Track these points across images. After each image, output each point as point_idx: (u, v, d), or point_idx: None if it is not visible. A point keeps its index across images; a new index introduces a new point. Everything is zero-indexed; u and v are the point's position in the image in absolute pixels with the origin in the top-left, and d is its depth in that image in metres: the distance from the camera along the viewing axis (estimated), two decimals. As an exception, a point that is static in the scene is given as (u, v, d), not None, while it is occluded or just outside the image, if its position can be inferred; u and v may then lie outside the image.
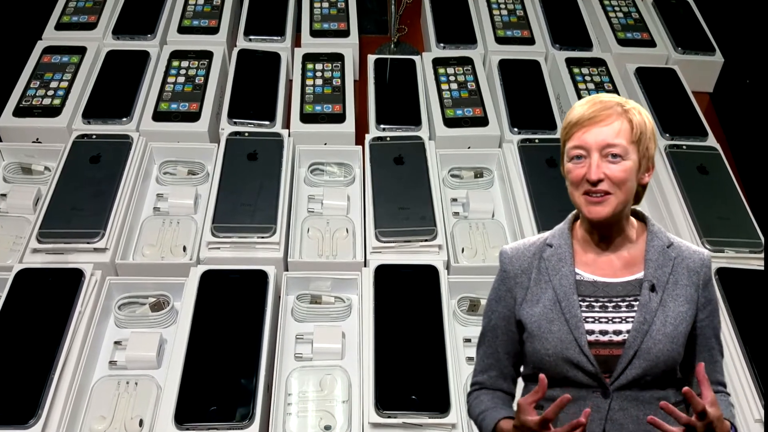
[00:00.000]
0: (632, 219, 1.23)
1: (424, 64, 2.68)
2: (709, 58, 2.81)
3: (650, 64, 2.75)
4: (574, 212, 1.24)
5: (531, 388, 1.24)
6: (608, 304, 1.18)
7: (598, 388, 1.18)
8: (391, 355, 1.81)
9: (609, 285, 1.19)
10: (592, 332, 1.17)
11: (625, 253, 1.20)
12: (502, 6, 2.94)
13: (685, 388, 1.08)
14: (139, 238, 2.11)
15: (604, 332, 1.17)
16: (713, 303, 1.23)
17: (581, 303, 1.18)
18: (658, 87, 2.64)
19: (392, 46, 2.91)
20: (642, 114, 1.16)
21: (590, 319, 1.18)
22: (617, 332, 1.17)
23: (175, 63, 2.60)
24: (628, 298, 1.18)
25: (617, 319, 1.17)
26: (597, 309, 1.18)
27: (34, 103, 2.42)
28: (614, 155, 1.13)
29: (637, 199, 1.21)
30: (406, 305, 1.92)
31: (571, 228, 1.24)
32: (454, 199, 2.30)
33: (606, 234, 1.20)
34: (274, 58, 2.67)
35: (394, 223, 2.09)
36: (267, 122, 2.42)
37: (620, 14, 2.95)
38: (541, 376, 1.11)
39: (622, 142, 1.13)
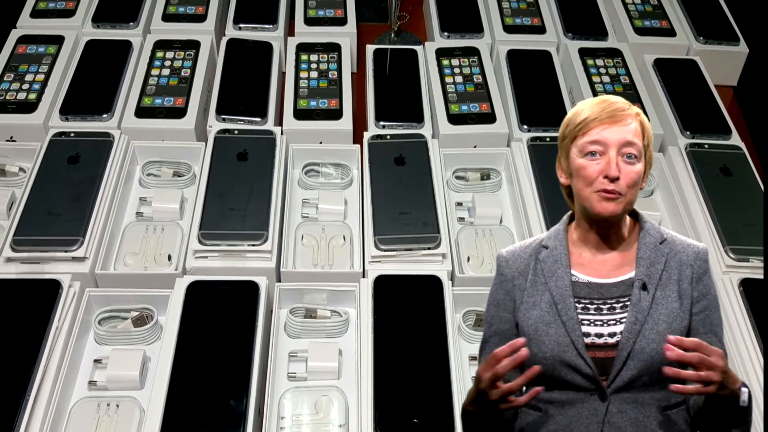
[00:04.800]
0: (627, 218, 1.28)
1: (426, 54, 2.65)
2: (733, 49, 2.78)
3: (669, 55, 2.71)
4: (568, 213, 1.30)
5: (530, 389, 1.28)
6: (603, 306, 1.23)
7: (595, 392, 1.21)
8: (391, 374, 1.79)
9: (603, 286, 1.24)
10: (588, 335, 1.22)
11: (619, 253, 1.26)
12: (511, -9, 2.90)
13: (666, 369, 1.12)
14: (121, 246, 2.08)
15: (599, 335, 1.22)
16: (709, 298, 1.25)
17: (577, 305, 1.23)
18: (677, 80, 2.61)
19: (393, 35, 2.87)
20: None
21: (586, 322, 1.22)
22: (612, 334, 1.21)
23: (160, 54, 2.57)
24: (622, 299, 1.23)
25: (612, 321, 1.22)
26: (592, 311, 1.23)
27: (8, 97, 2.39)
28: (630, 155, 1.19)
29: None
30: (408, 319, 1.90)
31: (566, 229, 1.29)
32: (459, 203, 2.27)
33: (605, 233, 1.25)
34: (266, 48, 2.64)
35: (394, 230, 2.07)
36: (258, 119, 2.39)
37: (637, 0, 2.91)
38: (536, 367, 1.16)
39: (638, 143, 1.20)
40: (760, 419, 1.74)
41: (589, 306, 1.23)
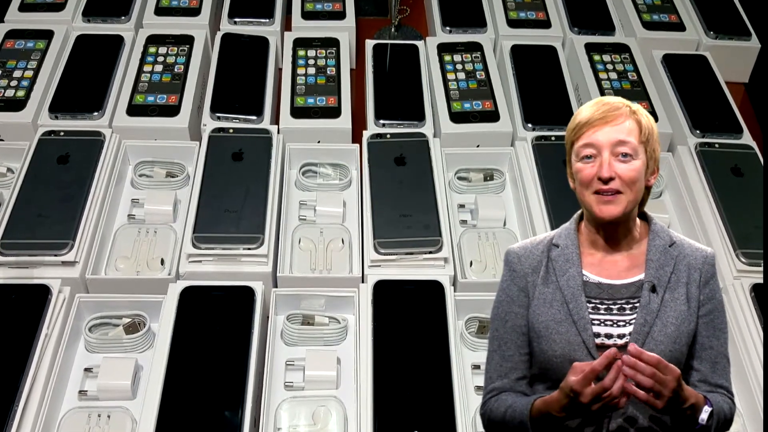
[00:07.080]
0: (637, 219, 1.30)
1: (428, 50, 2.64)
2: (745, 44, 2.77)
3: (679, 51, 2.70)
4: (579, 212, 1.32)
5: (537, 388, 1.31)
6: (613, 307, 1.25)
7: None
8: (391, 383, 1.78)
9: (613, 287, 1.26)
10: (598, 335, 1.24)
11: (629, 254, 1.28)
12: (515, -15, 2.89)
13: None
14: (112, 249, 2.07)
15: (609, 335, 1.24)
16: (714, 302, 1.28)
17: (587, 305, 1.25)
18: (687, 76, 2.60)
19: (393, 30, 2.86)
20: (648, 117, 1.26)
21: (596, 322, 1.25)
22: (621, 335, 1.24)
23: (152, 49, 2.56)
24: (632, 300, 1.25)
25: (621, 322, 1.24)
26: (602, 311, 1.25)
27: (-5, 95, 2.39)
28: (624, 154, 1.21)
29: (642, 203, 1.29)
30: (408, 326, 1.89)
31: (576, 228, 1.31)
32: (462, 205, 2.26)
33: (613, 235, 1.27)
34: (262, 43, 2.62)
35: (394, 233, 2.06)
36: (254, 117, 2.38)
37: (646, -6, 2.90)
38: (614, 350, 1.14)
39: (632, 141, 1.22)
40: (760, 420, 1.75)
41: (599, 306, 1.25)
